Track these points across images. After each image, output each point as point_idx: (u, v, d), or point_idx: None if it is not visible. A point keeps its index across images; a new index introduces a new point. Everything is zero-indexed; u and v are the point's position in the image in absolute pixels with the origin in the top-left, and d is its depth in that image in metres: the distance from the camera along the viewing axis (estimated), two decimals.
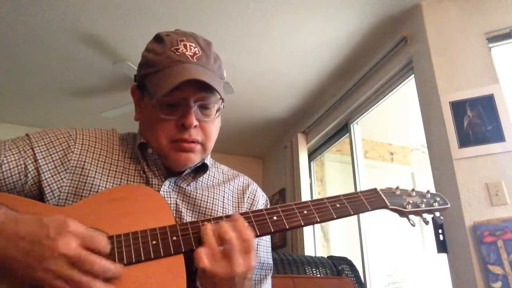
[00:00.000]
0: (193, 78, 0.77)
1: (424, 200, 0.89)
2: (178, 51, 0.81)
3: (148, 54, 0.84)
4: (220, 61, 0.89)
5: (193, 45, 0.84)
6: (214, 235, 0.68)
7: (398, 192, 0.88)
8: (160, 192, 0.82)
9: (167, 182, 0.84)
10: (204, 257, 0.66)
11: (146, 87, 0.84)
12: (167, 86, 0.76)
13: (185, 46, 0.82)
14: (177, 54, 0.81)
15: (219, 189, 0.92)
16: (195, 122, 0.80)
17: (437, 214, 0.89)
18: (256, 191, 0.98)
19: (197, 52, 0.83)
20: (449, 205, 0.90)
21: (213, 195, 0.89)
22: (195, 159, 0.84)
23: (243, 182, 0.98)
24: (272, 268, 0.92)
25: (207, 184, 0.91)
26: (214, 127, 0.86)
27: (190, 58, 0.81)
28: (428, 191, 0.91)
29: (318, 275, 1.82)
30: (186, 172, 0.86)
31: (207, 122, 0.84)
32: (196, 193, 0.87)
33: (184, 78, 0.76)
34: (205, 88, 0.80)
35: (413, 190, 0.90)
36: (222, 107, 0.87)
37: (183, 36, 0.84)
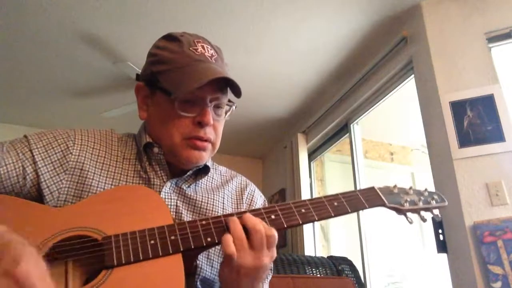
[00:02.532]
0: (221, 76, 0.79)
1: (422, 198, 0.89)
2: (197, 51, 0.84)
3: (163, 52, 0.84)
4: (228, 66, 0.92)
5: (209, 47, 0.87)
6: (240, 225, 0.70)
7: (395, 191, 0.89)
8: (162, 193, 0.82)
9: (168, 183, 0.84)
10: (232, 244, 0.67)
11: (159, 84, 0.83)
12: (193, 83, 0.78)
13: (202, 47, 0.85)
14: (196, 53, 0.83)
15: (219, 192, 0.92)
16: (212, 122, 0.82)
17: (435, 212, 0.89)
18: (254, 191, 0.98)
19: (213, 54, 0.86)
20: (446, 203, 0.91)
21: (213, 198, 0.90)
22: (205, 157, 0.85)
23: (240, 183, 0.98)
24: (272, 268, 0.92)
25: (206, 187, 0.91)
26: (222, 127, 0.89)
27: (209, 59, 0.84)
28: (425, 189, 0.91)
29: (318, 275, 1.82)
30: (188, 173, 0.86)
31: (218, 121, 0.86)
32: (196, 196, 0.87)
33: (214, 76, 0.78)
34: (221, 89, 0.83)
35: (410, 188, 0.90)
36: (234, 108, 0.90)
37: (198, 38, 0.87)
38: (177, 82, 0.80)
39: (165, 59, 0.83)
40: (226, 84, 0.84)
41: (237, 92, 0.84)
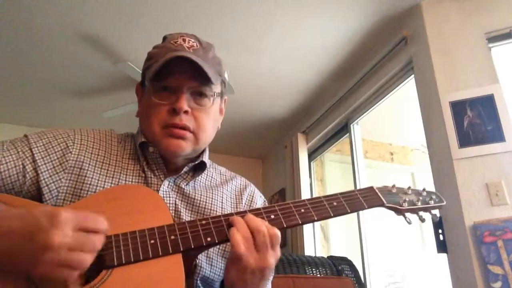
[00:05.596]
0: (180, 55, 0.81)
1: (420, 198, 0.89)
2: (176, 43, 0.86)
3: (151, 51, 0.89)
4: (221, 61, 0.92)
5: (192, 40, 0.88)
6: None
7: (394, 190, 0.89)
8: (160, 191, 0.83)
9: (166, 182, 0.84)
10: (242, 244, 0.68)
11: (145, 79, 0.87)
12: (157, 67, 0.80)
13: (183, 39, 0.87)
14: (174, 45, 0.85)
15: (218, 190, 0.92)
16: (186, 107, 0.82)
17: (434, 212, 0.90)
18: (254, 192, 0.98)
19: (194, 46, 0.87)
20: (444, 203, 0.91)
21: (212, 196, 0.90)
22: (185, 147, 0.84)
23: (240, 183, 0.98)
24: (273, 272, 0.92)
25: (205, 185, 0.91)
26: (208, 118, 0.87)
27: (187, 49, 0.85)
28: (424, 189, 0.92)
29: (318, 275, 1.82)
30: (184, 170, 0.86)
31: (200, 111, 0.85)
32: (195, 193, 0.88)
33: (173, 54, 0.80)
34: (199, 78, 0.83)
35: (409, 188, 0.90)
36: (220, 102, 0.90)
37: (184, 34, 0.89)
38: (150, 71, 0.84)
39: (150, 55, 0.88)
40: (204, 72, 0.82)
41: (205, 77, 0.82)
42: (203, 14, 2.54)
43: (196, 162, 0.88)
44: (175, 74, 0.82)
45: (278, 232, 0.72)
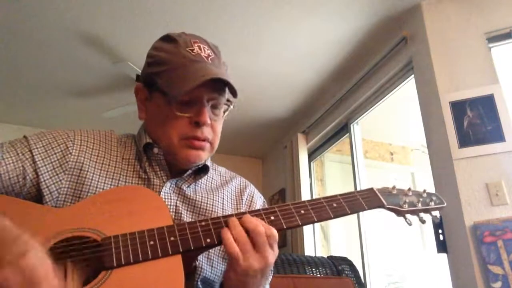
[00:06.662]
0: (217, 77, 0.79)
1: (421, 199, 0.89)
2: (194, 51, 0.84)
3: (159, 53, 0.85)
4: (227, 66, 0.92)
5: (206, 47, 0.87)
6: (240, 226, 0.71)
7: (394, 192, 0.89)
8: (161, 193, 0.82)
9: (168, 184, 0.84)
10: (234, 244, 0.68)
11: (157, 85, 0.84)
12: (190, 84, 0.78)
13: (199, 47, 0.85)
14: (192, 54, 0.83)
15: (218, 192, 0.92)
16: (209, 121, 0.82)
17: (434, 213, 0.90)
18: (254, 192, 0.98)
19: (210, 54, 0.86)
20: (445, 204, 0.91)
21: (213, 198, 0.90)
22: (203, 157, 0.85)
23: (240, 184, 0.98)
24: (272, 269, 0.92)
25: (206, 187, 0.91)
26: (220, 126, 0.89)
27: (206, 59, 0.84)
28: (424, 191, 0.91)
29: (318, 275, 1.82)
30: (187, 173, 0.86)
31: (216, 120, 0.87)
32: (196, 196, 0.88)
33: (208, 77, 0.78)
34: (218, 89, 0.83)
35: (409, 189, 0.90)
36: (232, 107, 0.90)
37: (195, 38, 0.87)
38: (173, 83, 0.81)
39: (162, 60, 0.84)
40: (223, 84, 0.83)
41: (233, 92, 0.84)
42: (203, 14, 2.54)
43: (200, 166, 0.88)
44: (198, 87, 0.80)
45: (275, 232, 0.72)
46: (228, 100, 0.88)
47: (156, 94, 0.85)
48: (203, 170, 0.90)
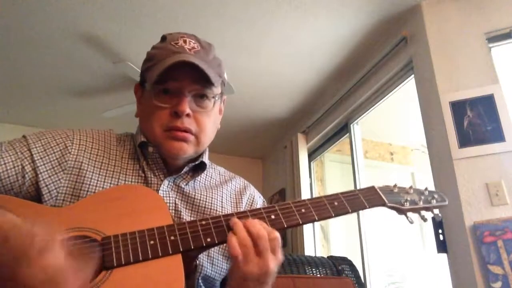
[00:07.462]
0: (183, 60, 0.80)
1: (422, 197, 0.89)
2: (178, 44, 0.85)
3: (151, 51, 0.88)
4: (221, 61, 0.92)
5: (193, 41, 0.87)
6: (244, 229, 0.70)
7: (396, 190, 0.88)
8: (159, 191, 0.82)
9: (166, 182, 0.84)
10: (238, 247, 0.67)
11: (145, 81, 0.87)
12: (159, 70, 0.80)
13: (184, 41, 0.86)
14: (176, 47, 0.84)
15: (217, 190, 0.92)
16: (188, 110, 0.82)
17: (436, 211, 0.89)
18: (254, 193, 0.99)
19: (195, 47, 0.86)
20: (447, 202, 0.90)
21: (212, 195, 0.90)
22: (188, 149, 0.84)
23: (240, 184, 0.98)
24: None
25: (205, 184, 0.91)
26: (209, 120, 0.87)
27: (188, 51, 0.84)
28: (426, 189, 0.91)
29: (318, 275, 1.81)
30: (184, 170, 0.86)
31: (201, 113, 0.85)
32: (195, 193, 0.88)
33: (176, 60, 0.79)
34: (201, 81, 0.83)
35: (411, 187, 0.90)
36: (220, 102, 0.89)
37: (184, 34, 0.88)
38: (151, 73, 0.83)
39: (150, 57, 0.87)
40: (207, 76, 0.82)
41: (209, 82, 0.82)
42: (203, 14, 2.54)
43: (196, 162, 0.88)
44: (176, 77, 0.82)
45: (278, 236, 0.71)
46: (221, 93, 0.88)
47: (144, 90, 0.88)
48: (200, 167, 0.89)
